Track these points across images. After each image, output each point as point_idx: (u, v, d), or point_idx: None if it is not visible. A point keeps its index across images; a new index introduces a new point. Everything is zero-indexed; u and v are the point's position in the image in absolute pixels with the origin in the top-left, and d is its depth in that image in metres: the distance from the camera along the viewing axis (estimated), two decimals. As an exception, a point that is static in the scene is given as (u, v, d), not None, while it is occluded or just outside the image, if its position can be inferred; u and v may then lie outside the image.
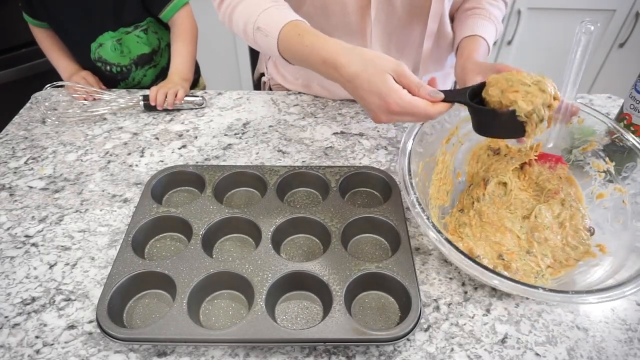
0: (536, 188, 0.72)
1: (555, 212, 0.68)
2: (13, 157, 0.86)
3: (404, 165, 0.64)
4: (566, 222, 0.67)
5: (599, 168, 0.71)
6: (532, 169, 0.72)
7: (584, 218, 0.68)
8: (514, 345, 0.57)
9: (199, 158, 0.86)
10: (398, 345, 0.56)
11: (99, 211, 0.74)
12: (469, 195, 0.71)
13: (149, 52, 1.17)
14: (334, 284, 0.59)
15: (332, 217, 0.68)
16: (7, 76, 1.62)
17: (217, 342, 0.55)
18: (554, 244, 0.65)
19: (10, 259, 0.66)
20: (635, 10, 1.88)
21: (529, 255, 0.64)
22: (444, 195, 0.70)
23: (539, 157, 0.73)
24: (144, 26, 1.14)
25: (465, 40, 0.84)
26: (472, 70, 0.75)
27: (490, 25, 0.85)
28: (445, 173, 0.72)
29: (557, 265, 0.64)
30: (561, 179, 0.71)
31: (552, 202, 0.69)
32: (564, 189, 0.70)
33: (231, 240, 0.70)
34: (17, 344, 0.56)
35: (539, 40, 2.00)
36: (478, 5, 0.87)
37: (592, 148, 0.72)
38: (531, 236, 0.66)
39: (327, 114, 0.97)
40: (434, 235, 0.56)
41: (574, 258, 0.64)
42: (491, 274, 0.53)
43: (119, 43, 1.11)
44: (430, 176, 0.70)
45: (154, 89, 0.97)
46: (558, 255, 0.65)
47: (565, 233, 0.66)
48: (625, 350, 0.57)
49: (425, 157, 0.69)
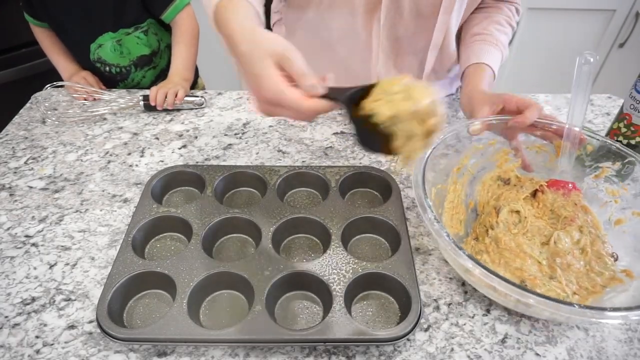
0: (551, 215, 0.69)
1: (575, 238, 0.65)
2: (13, 157, 0.86)
3: (421, 192, 0.60)
4: (587, 248, 0.64)
5: (613, 194, 0.69)
6: (545, 196, 0.70)
7: (605, 244, 0.65)
8: (514, 345, 0.57)
9: (199, 158, 0.86)
10: (398, 345, 0.56)
11: (99, 211, 0.74)
12: (481, 224, 0.69)
13: (148, 53, 1.17)
14: (334, 284, 0.59)
15: (332, 217, 0.68)
16: (7, 76, 1.62)
17: (217, 342, 0.55)
18: (578, 270, 0.62)
19: (10, 259, 0.66)
20: (635, 10, 1.88)
21: (553, 281, 0.61)
22: (457, 224, 0.69)
23: (552, 184, 0.71)
24: (144, 27, 1.14)
25: (472, 67, 0.84)
26: (480, 100, 0.75)
27: (497, 51, 0.86)
28: (457, 202, 0.70)
29: (584, 292, 0.61)
30: (576, 205, 0.69)
31: (569, 229, 0.66)
32: (580, 216, 0.68)
33: (231, 240, 0.70)
34: (17, 344, 0.56)
35: (539, 40, 2.00)
36: (485, 31, 0.87)
37: (604, 175, 0.70)
38: (553, 262, 0.63)
39: (327, 114, 0.97)
40: (470, 264, 0.52)
41: (601, 284, 0.61)
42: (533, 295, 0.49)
43: (119, 44, 1.11)
44: (443, 204, 0.69)
45: (154, 89, 0.97)
46: (583, 281, 0.62)
47: (588, 259, 0.63)
48: (625, 350, 0.57)
49: (437, 184, 0.68)
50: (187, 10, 1.13)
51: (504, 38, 0.88)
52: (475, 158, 0.73)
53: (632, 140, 0.77)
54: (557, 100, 1.05)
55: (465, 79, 0.85)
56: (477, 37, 0.87)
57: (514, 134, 0.73)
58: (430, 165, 0.64)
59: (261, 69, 0.52)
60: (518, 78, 2.11)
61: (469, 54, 0.87)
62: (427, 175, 0.62)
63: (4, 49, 1.60)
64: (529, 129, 0.72)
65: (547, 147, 0.74)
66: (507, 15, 0.90)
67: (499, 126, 0.72)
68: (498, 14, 0.90)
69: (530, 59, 2.07)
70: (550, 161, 0.74)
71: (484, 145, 0.74)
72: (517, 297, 0.50)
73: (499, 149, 0.75)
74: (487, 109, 0.73)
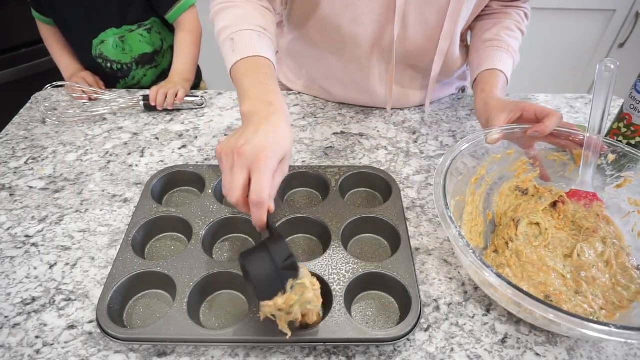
0: (573, 227, 0.68)
1: (599, 250, 0.63)
2: (13, 157, 0.86)
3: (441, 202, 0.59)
4: (612, 261, 0.62)
5: (636, 204, 0.67)
6: (566, 207, 0.69)
7: (630, 256, 0.64)
8: (514, 345, 0.57)
9: (199, 158, 0.86)
10: (398, 345, 0.56)
11: (99, 211, 0.74)
12: (499, 235, 0.67)
13: (151, 51, 1.17)
14: (334, 284, 0.59)
15: (332, 217, 0.68)
16: (7, 76, 1.62)
17: (217, 342, 0.55)
18: (603, 284, 0.60)
19: (10, 259, 0.66)
20: (635, 10, 1.88)
21: (579, 296, 0.59)
22: (477, 236, 0.67)
23: (572, 195, 0.70)
24: (148, 25, 1.14)
25: (485, 74, 0.84)
26: (496, 108, 0.74)
27: (508, 57, 0.85)
28: (475, 214, 0.69)
29: (611, 308, 0.59)
30: (599, 216, 0.67)
31: (592, 241, 0.64)
32: (603, 228, 0.66)
33: (231, 240, 0.70)
34: (17, 344, 0.56)
35: (539, 40, 2.00)
36: (496, 37, 0.87)
37: (627, 184, 0.69)
38: (578, 275, 0.61)
39: (327, 114, 0.97)
40: (494, 280, 0.51)
41: (628, 299, 0.59)
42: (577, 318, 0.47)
43: (121, 40, 1.11)
44: (462, 216, 0.68)
45: (154, 89, 0.97)
46: (609, 296, 0.60)
47: (614, 272, 0.62)
48: (625, 350, 0.57)
49: (456, 196, 0.66)
50: (191, 11, 1.13)
51: (515, 43, 0.88)
52: (493, 168, 0.72)
53: (632, 140, 0.77)
54: (556, 100, 1.05)
55: (478, 86, 0.84)
56: (488, 44, 0.87)
57: (531, 143, 0.72)
58: (449, 177, 0.63)
59: (268, 133, 0.55)
60: (518, 78, 2.09)
61: (481, 60, 0.86)
62: (447, 188, 0.61)
63: (4, 49, 1.60)
64: (548, 138, 0.71)
65: (566, 156, 0.73)
66: (517, 20, 0.90)
67: (517, 135, 0.71)
68: (508, 19, 0.90)
69: (530, 59, 2.07)
70: (570, 171, 0.74)
71: (502, 154, 0.73)
72: (554, 318, 0.48)
73: (517, 159, 0.74)
74: (504, 117, 0.71)
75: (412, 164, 0.84)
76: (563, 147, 0.73)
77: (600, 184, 0.71)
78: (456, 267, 0.66)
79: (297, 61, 1.00)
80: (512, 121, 0.72)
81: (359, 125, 0.94)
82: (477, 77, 0.85)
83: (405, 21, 0.81)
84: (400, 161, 0.85)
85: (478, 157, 0.71)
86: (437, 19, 0.81)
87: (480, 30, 0.91)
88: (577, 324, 0.47)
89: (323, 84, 0.98)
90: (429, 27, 0.82)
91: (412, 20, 0.81)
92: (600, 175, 0.71)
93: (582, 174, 0.70)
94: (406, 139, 0.90)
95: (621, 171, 0.70)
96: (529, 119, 0.71)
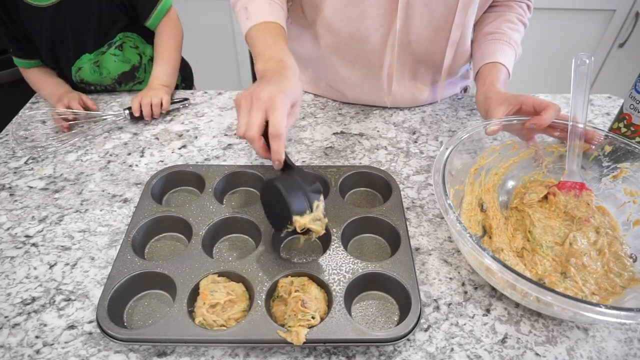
0: (565, 217, 0.69)
1: (591, 239, 0.65)
2: (13, 157, 0.86)
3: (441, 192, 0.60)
4: (605, 249, 0.64)
5: (632, 195, 0.68)
6: (557, 198, 0.70)
7: (623, 245, 0.65)
8: (514, 345, 0.57)
9: (199, 158, 0.85)
10: (398, 345, 0.56)
11: (99, 211, 0.74)
12: (488, 222, 0.69)
13: (129, 69, 1.11)
14: (334, 284, 0.59)
15: (332, 217, 0.68)
16: (7, 76, 1.62)
17: (217, 342, 0.55)
18: (595, 271, 0.62)
19: (10, 259, 0.66)
20: (635, 10, 1.88)
21: (567, 280, 0.61)
22: (475, 225, 0.69)
23: (561, 186, 0.71)
24: (117, 42, 1.07)
25: (486, 67, 0.84)
26: (495, 100, 0.75)
27: (510, 50, 0.86)
28: (474, 204, 0.71)
29: (604, 294, 0.61)
30: (589, 205, 0.69)
31: (585, 230, 0.66)
32: (597, 218, 0.68)
33: (231, 240, 0.70)
34: (17, 344, 0.56)
35: (539, 40, 2.00)
36: (498, 30, 0.87)
37: (622, 175, 0.70)
38: (566, 261, 0.63)
39: (327, 114, 0.97)
40: (493, 263, 0.52)
41: (620, 285, 0.61)
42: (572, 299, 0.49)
43: (97, 65, 1.06)
44: (461, 205, 0.69)
45: (136, 100, 0.94)
46: (602, 282, 0.62)
47: (606, 260, 0.63)
48: (625, 350, 0.57)
49: (455, 185, 0.68)
50: (170, 14, 1.09)
51: (517, 36, 0.88)
52: (490, 159, 0.73)
53: (632, 140, 0.77)
54: (556, 100, 1.05)
55: (480, 78, 0.84)
56: (490, 37, 0.87)
57: (531, 134, 0.73)
58: (448, 166, 0.64)
59: (280, 82, 0.64)
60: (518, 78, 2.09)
61: (483, 53, 0.86)
62: (446, 177, 0.62)
63: (4, 49, 1.60)
64: (546, 130, 0.72)
65: (564, 148, 0.73)
66: (519, 13, 0.90)
67: (516, 127, 0.72)
68: (510, 12, 0.90)
69: (530, 58, 2.06)
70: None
71: (501, 145, 0.74)
72: (552, 301, 0.49)
73: (518, 153, 0.75)
74: (503, 109, 0.73)
75: (412, 164, 0.84)
76: (560, 139, 0.74)
77: (597, 174, 0.72)
78: (456, 267, 0.66)
79: (303, 63, 1.00)
80: (512, 113, 0.73)
81: (359, 125, 0.94)
82: (479, 70, 0.86)
83: (410, 13, 0.81)
84: (400, 161, 0.85)
85: (476, 149, 0.72)
86: (444, 10, 0.81)
87: (482, 23, 0.91)
88: (571, 304, 0.48)
89: (330, 82, 0.98)
90: (435, 18, 0.82)
91: (417, 12, 0.81)
92: (597, 166, 0.72)
93: (568, 165, 0.71)
94: (406, 139, 0.90)
95: (617, 162, 0.71)
96: (528, 111, 0.72)
